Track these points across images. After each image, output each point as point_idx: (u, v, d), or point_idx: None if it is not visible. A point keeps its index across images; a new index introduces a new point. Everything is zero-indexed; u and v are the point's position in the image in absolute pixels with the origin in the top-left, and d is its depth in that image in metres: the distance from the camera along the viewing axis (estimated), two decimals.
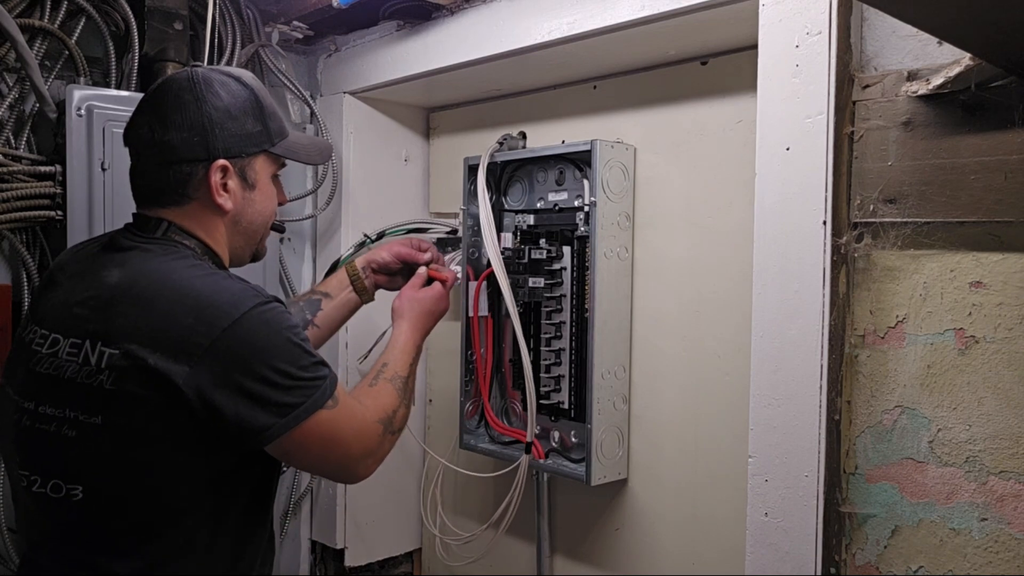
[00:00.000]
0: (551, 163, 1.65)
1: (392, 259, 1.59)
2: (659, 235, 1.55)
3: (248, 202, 1.16)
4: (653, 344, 1.56)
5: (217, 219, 1.14)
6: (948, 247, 1.08)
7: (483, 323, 1.71)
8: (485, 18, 1.58)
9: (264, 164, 1.18)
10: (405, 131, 2.05)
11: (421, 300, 1.42)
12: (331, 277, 1.64)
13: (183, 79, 1.12)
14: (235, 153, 1.12)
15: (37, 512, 1.07)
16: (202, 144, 1.10)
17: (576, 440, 1.61)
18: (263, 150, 1.16)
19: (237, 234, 1.17)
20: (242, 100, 1.14)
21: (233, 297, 1.03)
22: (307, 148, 1.27)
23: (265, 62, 1.90)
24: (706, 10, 1.25)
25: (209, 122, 1.10)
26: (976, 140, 1.04)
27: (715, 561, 1.47)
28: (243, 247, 1.20)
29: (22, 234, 1.60)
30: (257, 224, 1.19)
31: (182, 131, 1.09)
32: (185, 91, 1.11)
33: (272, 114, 1.18)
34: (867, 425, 1.15)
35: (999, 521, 1.04)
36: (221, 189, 1.12)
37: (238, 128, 1.12)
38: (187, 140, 1.09)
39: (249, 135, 1.14)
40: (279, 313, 1.06)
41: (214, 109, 1.10)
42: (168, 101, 1.11)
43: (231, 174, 1.12)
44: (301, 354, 1.05)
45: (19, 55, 1.53)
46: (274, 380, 1.02)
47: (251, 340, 1.02)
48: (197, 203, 1.12)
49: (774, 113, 1.17)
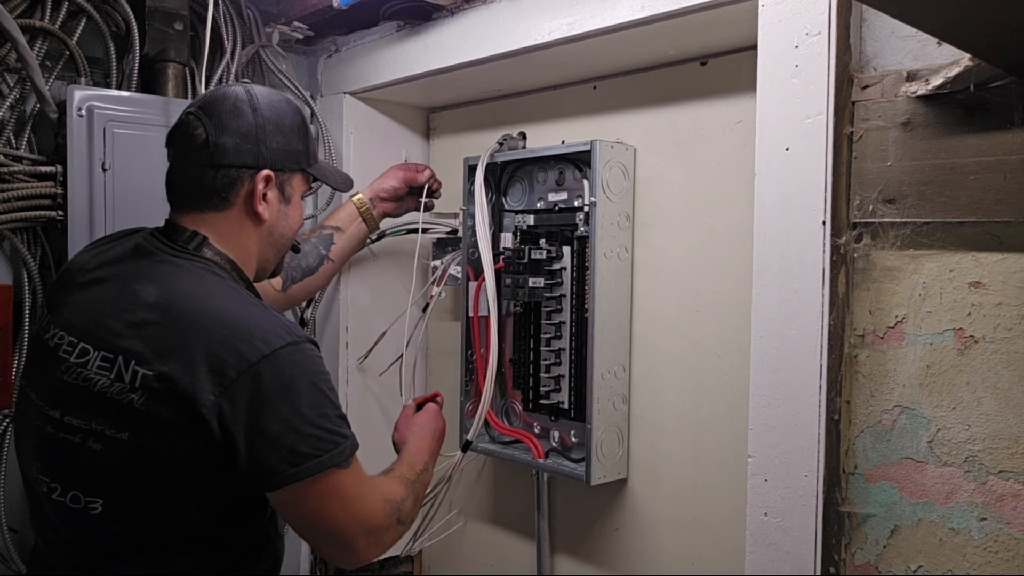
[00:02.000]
0: (551, 163, 1.65)
1: (399, 184, 1.71)
2: (659, 235, 1.55)
3: (283, 215, 1.20)
4: (653, 344, 1.56)
5: (253, 228, 1.17)
6: (947, 247, 1.08)
7: (483, 323, 1.71)
8: (485, 18, 1.58)
9: (300, 182, 1.23)
10: (405, 131, 2.05)
11: (421, 424, 1.41)
12: (339, 211, 1.71)
13: (241, 90, 1.17)
14: (280, 166, 1.17)
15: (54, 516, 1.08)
16: (253, 152, 1.14)
17: (576, 440, 1.61)
18: (302, 168, 1.22)
19: (269, 245, 1.21)
20: (291, 118, 1.20)
21: (268, 332, 1.03)
22: (335, 174, 1.37)
23: (265, 62, 1.90)
24: (706, 10, 1.25)
25: (263, 132, 1.15)
26: (975, 140, 1.04)
27: (715, 561, 1.47)
28: (271, 259, 1.23)
29: (23, 234, 1.60)
30: (287, 237, 1.23)
31: (236, 137, 1.13)
32: (243, 102, 1.15)
33: (310, 138, 1.24)
34: (866, 425, 1.15)
35: (998, 521, 1.04)
36: (262, 198, 1.15)
37: (286, 143, 1.18)
38: (240, 146, 1.13)
39: (294, 152, 1.19)
40: (311, 356, 1.06)
41: (268, 122, 1.16)
42: (226, 108, 1.14)
43: (272, 185, 1.17)
44: (326, 404, 1.05)
45: (20, 55, 1.53)
46: (294, 424, 1.01)
47: (279, 378, 1.01)
48: (236, 210, 1.15)
49: (774, 113, 1.17)
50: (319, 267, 1.66)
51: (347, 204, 1.71)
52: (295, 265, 1.62)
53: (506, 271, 1.65)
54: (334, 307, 1.98)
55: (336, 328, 1.97)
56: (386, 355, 1.90)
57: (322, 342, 2.00)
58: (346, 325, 1.96)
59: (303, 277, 1.64)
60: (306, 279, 1.64)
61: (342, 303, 1.96)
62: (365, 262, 1.98)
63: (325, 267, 1.66)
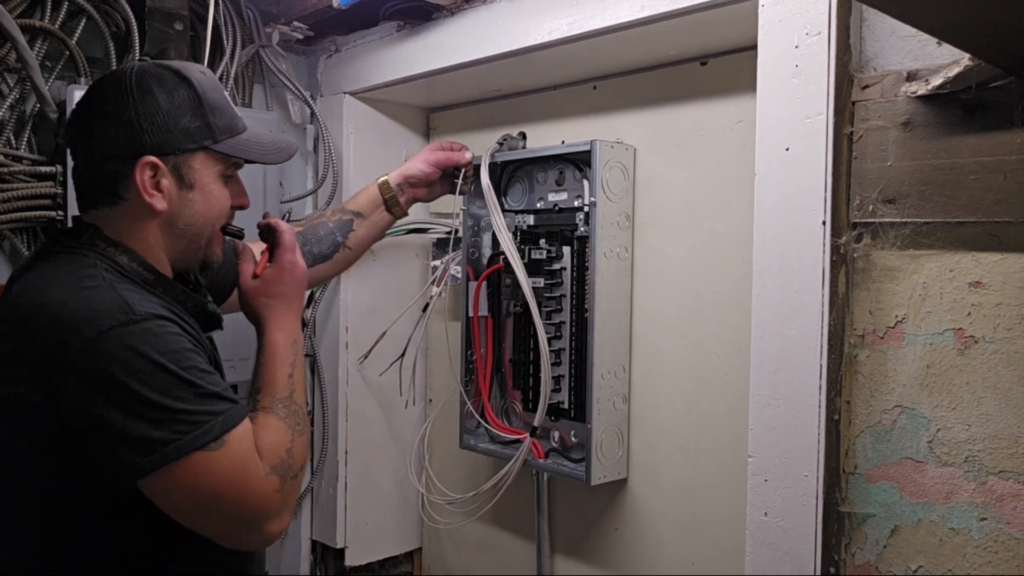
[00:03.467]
0: (551, 163, 1.65)
1: (432, 169, 1.53)
2: (659, 235, 1.55)
3: (186, 202, 1.08)
4: (653, 344, 1.56)
5: (151, 221, 1.07)
6: (947, 247, 1.08)
7: (483, 323, 1.71)
8: (485, 18, 1.58)
9: (206, 163, 1.10)
10: (405, 131, 2.05)
11: (269, 282, 1.17)
12: (361, 194, 1.55)
13: (117, 74, 1.07)
14: (167, 150, 1.05)
15: None
16: (128, 140, 1.04)
17: (576, 440, 1.61)
18: (202, 147, 1.08)
19: (174, 237, 1.09)
20: (179, 95, 1.06)
21: (93, 314, 0.94)
22: (263, 147, 1.17)
23: (265, 62, 1.90)
24: (706, 10, 1.25)
25: (136, 117, 1.04)
26: (975, 140, 1.04)
27: (715, 561, 1.47)
28: (184, 252, 1.12)
29: (23, 234, 1.60)
30: (197, 227, 1.11)
31: (108, 126, 1.04)
32: (115, 85, 1.05)
33: (217, 109, 1.10)
34: (866, 425, 1.15)
35: (998, 521, 1.04)
36: (151, 188, 1.05)
37: (171, 124, 1.05)
38: (113, 135, 1.04)
39: (185, 131, 1.06)
40: (155, 333, 0.95)
41: (143, 104, 1.04)
42: (98, 96, 1.07)
43: (163, 172, 1.05)
44: (177, 384, 0.94)
45: (20, 55, 1.53)
46: (138, 410, 0.92)
47: (108, 364, 0.92)
48: (128, 204, 1.06)
49: (774, 113, 1.17)
50: (333, 255, 1.51)
51: (370, 187, 1.54)
52: (306, 251, 1.45)
53: (506, 271, 1.65)
54: (334, 307, 1.98)
55: (336, 328, 1.97)
56: (386, 355, 1.90)
57: (322, 342, 2.00)
58: (346, 325, 1.96)
59: (314, 263, 1.48)
60: (317, 266, 1.49)
61: (342, 303, 1.96)
62: (365, 262, 1.98)
63: (341, 255, 1.51)
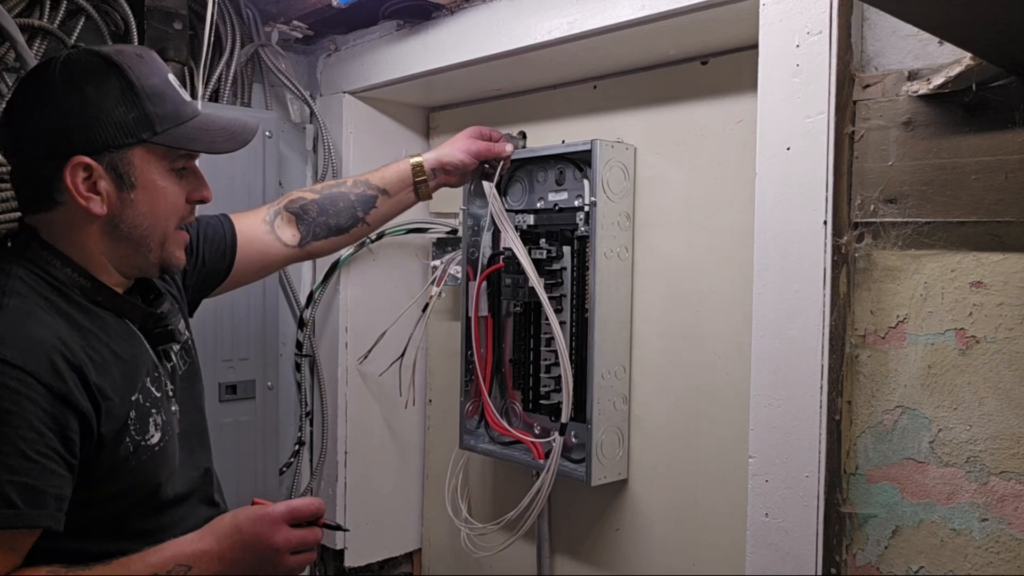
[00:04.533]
0: (551, 163, 1.64)
1: (471, 160, 1.46)
2: (659, 235, 1.55)
3: (127, 203, 0.98)
4: (653, 344, 1.56)
5: (91, 226, 0.98)
6: (949, 247, 1.07)
7: (483, 323, 1.71)
8: (485, 18, 1.58)
9: (147, 158, 0.99)
10: (405, 131, 2.04)
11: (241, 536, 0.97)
12: (389, 169, 1.45)
13: (41, 66, 0.98)
14: (100, 147, 0.95)
15: None
16: (55, 138, 0.94)
17: (576, 440, 1.60)
18: (140, 140, 0.97)
19: (119, 241, 1.00)
20: (109, 85, 0.95)
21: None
22: (213, 134, 1.04)
23: (264, 62, 1.90)
24: (706, 10, 1.25)
25: (62, 113, 0.94)
26: (977, 140, 1.04)
27: (715, 561, 1.47)
28: (132, 257, 1.02)
29: None
30: (144, 228, 1.00)
31: (32, 125, 0.95)
32: (39, 79, 0.96)
33: (156, 96, 0.98)
34: (868, 425, 1.15)
35: (1000, 521, 1.04)
36: (85, 190, 0.95)
37: (103, 118, 0.95)
38: (39, 136, 0.95)
39: (119, 125, 0.95)
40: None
41: (69, 97, 0.94)
42: (23, 91, 0.98)
43: (99, 172, 0.95)
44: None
45: (18, 55, 1.52)
46: None
47: None
48: (64, 208, 0.97)
49: (774, 113, 1.17)
50: (351, 228, 1.43)
51: (402, 164, 1.44)
52: (321, 221, 1.39)
53: (506, 271, 1.65)
54: (334, 307, 1.97)
55: (336, 328, 1.96)
56: (386, 355, 1.90)
57: (322, 342, 2.00)
58: (346, 325, 1.96)
59: (328, 235, 1.41)
60: (332, 237, 1.42)
61: (342, 303, 1.96)
62: (365, 262, 1.98)
63: (358, 230, 1.43)
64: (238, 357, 1.82)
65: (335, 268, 1.94)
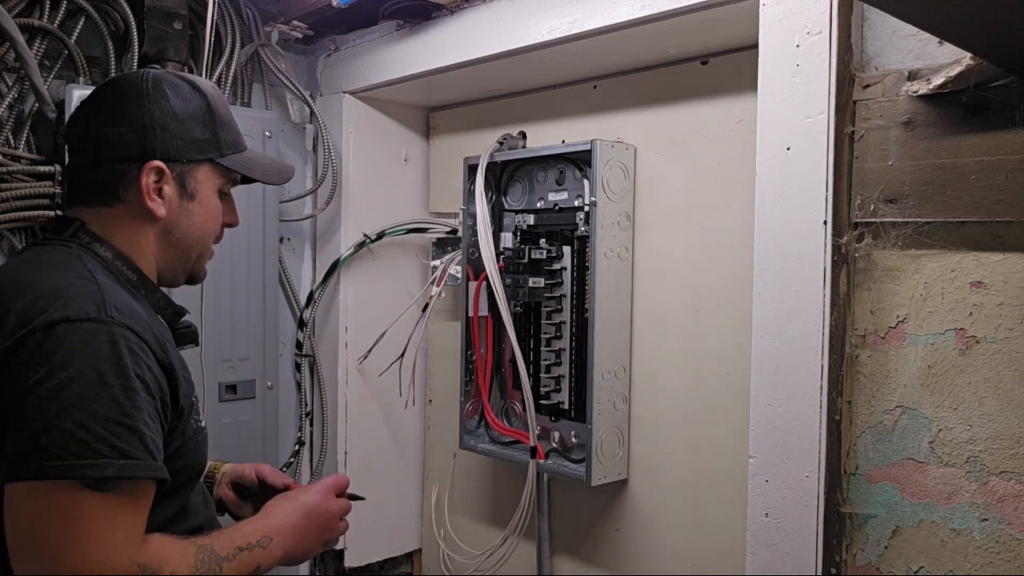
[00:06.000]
0: (551, 163, 1.64)
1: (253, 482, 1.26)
2: (659, 235, 1.55)
3: (185, 212, 1.07)
4: (653, 344, 1.56)
5: (147, 226, 1.05)
6: (949, 247, 1.07)
7: (483, 323, 1.71)
8: (485, 18, 1.58)
9: (209, 175, 1.09)
10: (405, 131, 2.04)
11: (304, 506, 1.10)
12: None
13: (132, 76, 1.06)
14: (175, 157, 1.04)
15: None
16: (138, 142, 1.03)
17: (576, 440, 1.60)
18: (208, 159, 1.08)
19: (169, 246, 1.08)
20: (192, 105, 1.07)
21: (71, 300, 0.90)
22: (264, 167, 1.17)
23: (264, 62, 1.90)
24: (706, 10, 1.25)
25: (150, 121, 1.03)
26: (977, 140, 1.04)
27: (715, 561, 1.47)
28: (175, 262, 1.10)
29: (21, 234, 1.60)
30: (192, 238, 1.09)
31: (119, 127, 1.03)
32: (130, 88, 1.05)
33: (226, 125, 1.10)
34: (868, 425, 1.15)
35: (1000, 521, 1.04)
36: (154, 193, 1.04)
37: (182, 132, 1.05)
38: (122, 137, 1.03)
39: (194, 141, 1.06)
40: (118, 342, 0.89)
41: (157, 109, 1.04)
42: (110, 96, 1.05)
43: (168, 179, 1.04)
44: (108, 403, 0.86)
45: (18, 55, 1.52)
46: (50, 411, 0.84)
47: (56, 352, 0.86)
48: (126, 207, 1.04)
49: (774, 113, 1.17)
50: None
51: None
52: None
53: (506, 271, 1.65)
54: (334, 307, 1.97)
55: (336, 328, 1.96)
56: (386, 355, 1.90)
57: (322, 342, 2.00)
58: (346, 325, 1.96)
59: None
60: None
61: (342, 303, 1.96)
62: (365, 262, 1.98)
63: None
64: (238, 357, 1.81)
65: (335, 268, 1.94)
